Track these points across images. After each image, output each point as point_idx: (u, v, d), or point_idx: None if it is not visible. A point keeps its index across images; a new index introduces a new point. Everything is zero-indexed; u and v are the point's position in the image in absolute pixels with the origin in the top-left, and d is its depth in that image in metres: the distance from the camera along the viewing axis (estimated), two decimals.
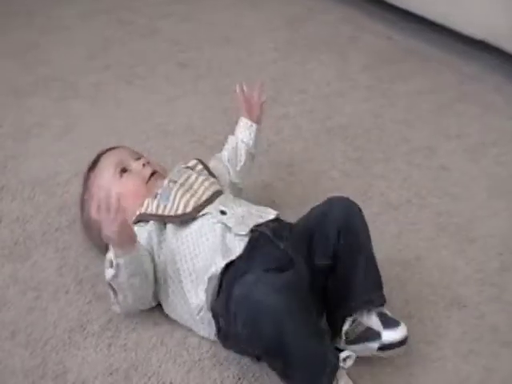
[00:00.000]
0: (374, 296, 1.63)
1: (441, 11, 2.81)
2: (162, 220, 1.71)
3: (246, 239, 1.64)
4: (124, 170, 1.81)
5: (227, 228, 1.66)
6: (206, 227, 1.67)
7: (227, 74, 2.71)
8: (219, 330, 1.62)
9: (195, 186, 1.77)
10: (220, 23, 3.07)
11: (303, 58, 2.85)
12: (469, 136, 2.42)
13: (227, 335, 1.59)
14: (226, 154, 1.95)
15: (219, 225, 1.66)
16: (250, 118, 1.96)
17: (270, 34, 3.01)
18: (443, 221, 2.07)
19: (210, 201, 1.73)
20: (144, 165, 1.82)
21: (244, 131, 1.96)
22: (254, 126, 1.96)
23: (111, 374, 1.61)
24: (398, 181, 2.21)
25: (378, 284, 1.65)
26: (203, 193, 1.75)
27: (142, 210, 1.74)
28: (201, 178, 1.80)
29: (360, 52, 2.90)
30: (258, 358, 1.59)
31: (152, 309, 1.73)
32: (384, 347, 1.61)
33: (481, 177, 2.25)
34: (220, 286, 1.60)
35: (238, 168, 1.94)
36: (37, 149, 2.27)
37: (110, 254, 1.60)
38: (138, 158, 1.85)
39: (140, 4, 3.20)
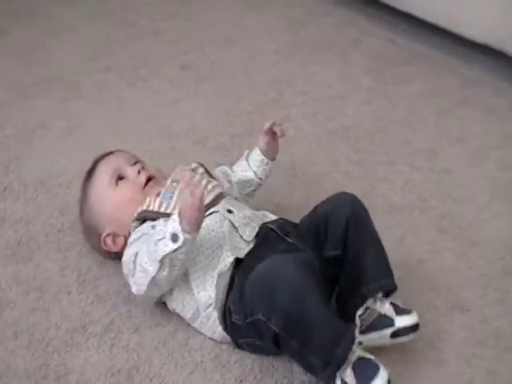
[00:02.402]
0: (385, 282, 1.65)
1: (443, 14, 2.81)
2: (167, 218, 1.69)
3: (252, 243, 1.67)
4: (120, 178, 1.81)
5: (234, 227, 1.68)
6: (212, 224, 1.68)
7: (229, 76, 2.72)
8: (231, 325, 1.62)
9: None
10: (222, 25, 3.08)
11: (305, 60, 2.85)
12: (471, 139, 2.43)
13: (240, 328, 1.60)
14: (236, 179, 1.92)
15: (226, 222, 1.68)
16: (268, 155, 1.92)
17: (272, 36, 3.01)
18: (445, 224, 2.07)
19: (213, 203, 1.73)
20: (139, 171, 1.81)
21: (260, 166, 1.92)
22: (270, 163, 1.93)
23: (113, 375, 1.61)
24: (401, 183, 2.21)
25: (388, 270, 1.67)
26: (206, 195, 1.73)
27: (144, 207, 1.74)
28: (204, 181, 1.79)
29: (362, 54, 2.90)
30: (276, 342, 1.56)
31: (154, 310, 1.74)
32: (397, 333, 1.63)
33: (483, 180, 2.25)
34: (231, 282, 1.62)
35: (245, 192, 1.93)
36: (40, 150, 2.26)
37: (177, 228, 1.55)
38: (134, 163, 1.84)
39: (143, 5, 3.20)
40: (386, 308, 1.64)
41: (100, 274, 1.83)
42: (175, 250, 1.56)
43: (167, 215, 1.68)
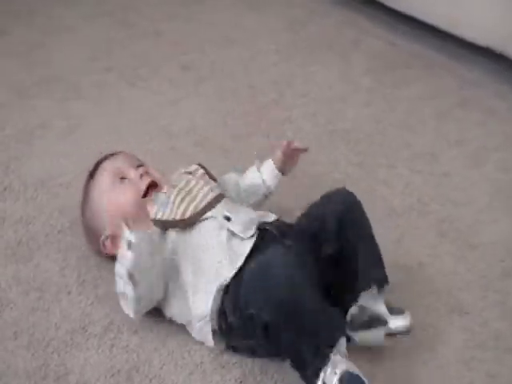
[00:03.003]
0: (375, 274, 1.65)
1: (443, 16, 2.81)
2: (163, 226, 1.70)
3: (253, 239, 1.66)
4: (122, 179, 1.80)
5: (233, 234, 1.67)
6: (210, 233, 1.67)
7: (229, 77, 2.72)
8: (226, 328, 1.62)
9: (194, 191, 1.75)
10: (222, 25, 3.08)
11: (305, 60, 2.86)
12: (470, 142, 2.43)
13: (235, 328, 1.60)
14: (244, 186, 1.93)
15: (224, 231, 1.67)
16: (281, 169, 1.94)
17: (272, 37, 3.01)
18: (445, 227, 2.07)
19: (210, 206, 1.72)
20: (142, 175, 1.80)
21: (272, 178, 1.93)
22: (280, 176, 1.95)
23: (113, 375, 1.61)
24: (400, 186, 2.21)
25: (379, 261, 1.67)
26: (202, 199, 1.74)
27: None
28: (200, 183, 1.79)
29: (362, 56, 2.91)
30: (266, 337, 1.55)
31: (154, 311, 1.72)
32: (391, 334, 1.63)
33: (482, 182, 2.25)
34: (227, 286, 1.61)
35: (251, 202, 1.93)
36: (40, 150, 2.26)
37: (127, 234, 1.56)
38: (138, 166, 1.83)
39: (143, 6, 3.20)
40: (379, 308, 1.64)
41: (100, 274, 1.83)
42: (137, 257, 1.56)
43: (161, 223, 1.69)
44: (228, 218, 1.69)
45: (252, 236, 1.66)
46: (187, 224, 1.69)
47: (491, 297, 1.86)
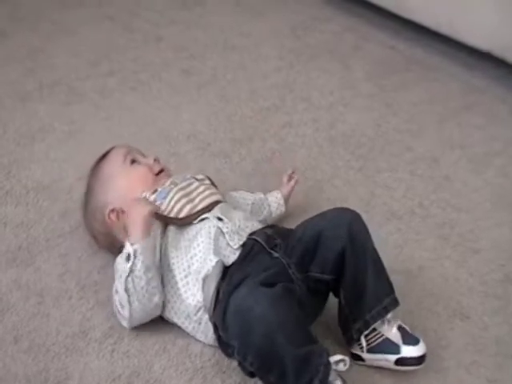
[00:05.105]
0: (386, 302, 1.63)
1: (445, 21, 2.81)
2: (163, 220, 1.73)
3: (238, 252, 1.66)
4: (134, 161, 1.84)
5: (222, 233, 1.68)
6: (202, 231, 1.69)
7: (231, 82, 2.71)
8: (219, 339, 1.62)
9: (193, 194, 1.77)
10: (224, 31, 3.07)
11: (307, 66, 2.85)
12: (472, 146, 2.43)
13: (228, 345, 1.59)
14: (252, 200, 1.96)
15: (214, 228, 1.68)
16: (284, 198, 2.01)
17: (275, 42, 3.01)
18: (446, 231, 2.07)
19: (206, 209, 1.74)
20: (155, 160, 1.86)
21: (275, 202, 1.99)
22: (283, 208, 2.00)
23: (113, 380, 1.61)
24: (401, 190, 2.21)
25: (389, 288, 1.65)
26: (200, 202, 1.75)
27: (141, 197, 1.76)
28: (202, 187, 1.80)
29: (363, 61, 2.90)
30: (251, 374, 1.57)
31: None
32: (402, 362, 1.61)
33: (484, 187, 2.25)
34: (217, 295, 1.61)
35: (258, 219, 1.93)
36: (41, 154, 2.26)
37: (127, 246, 1.63)
38: (147, 156, 1.89)
39: (145, 11, 3.20)
40: (393, 333, 1.62)
41: (100, 279, 1.83)
42: (132, 269, 1.61)
43: (161, 217, 1.72)
44: (220, 219, 1.71)
45: (237, 248, 1.66)
46: (181, 223, 1.72)
47: (492, 301, 1.85)
